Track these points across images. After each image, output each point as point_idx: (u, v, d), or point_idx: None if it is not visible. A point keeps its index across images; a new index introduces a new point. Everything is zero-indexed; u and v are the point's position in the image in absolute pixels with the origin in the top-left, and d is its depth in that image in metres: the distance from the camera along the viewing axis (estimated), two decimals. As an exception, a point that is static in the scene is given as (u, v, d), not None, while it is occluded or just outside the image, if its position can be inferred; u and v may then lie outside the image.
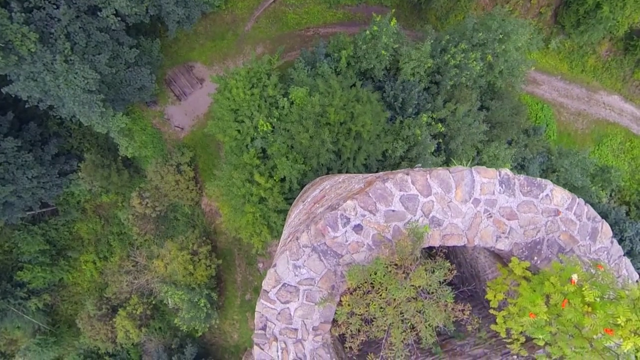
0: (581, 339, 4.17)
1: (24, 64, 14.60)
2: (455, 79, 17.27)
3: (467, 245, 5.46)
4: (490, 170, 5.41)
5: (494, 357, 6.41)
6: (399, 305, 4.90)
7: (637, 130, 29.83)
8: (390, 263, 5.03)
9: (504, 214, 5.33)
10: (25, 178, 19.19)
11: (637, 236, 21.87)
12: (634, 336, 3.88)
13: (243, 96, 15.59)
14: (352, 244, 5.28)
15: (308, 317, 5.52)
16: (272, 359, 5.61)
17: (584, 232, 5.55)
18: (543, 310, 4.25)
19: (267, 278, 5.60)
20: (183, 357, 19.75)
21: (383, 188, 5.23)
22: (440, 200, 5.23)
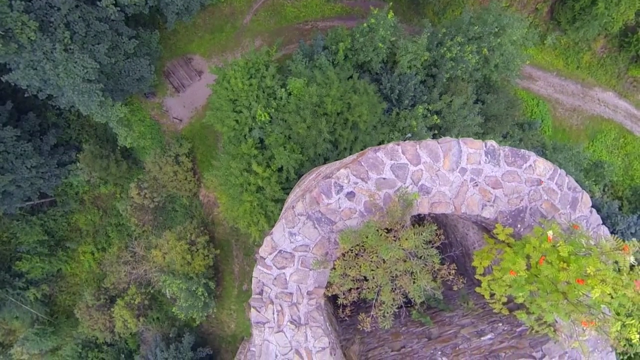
0: (557, 293, 4.44)
1: (24, 52, 14.71)
2: (451, 71, 17.51)
3: (454, 212, 5.72)
4: (477, 141, 5.68)
5: (481, 325, 6.70)
6: (389, 267, 5.15)
7: (630, 127, 30.21)
8: (381, 227, 5.29)
9: (489, 182, 5.59)
10: (24, 167, 19.30)
11: (629, 230, 22.25)
12: (601, 284, 4.15)
13: (241, 86, 15.77)
14: (345, 210, 5.54)
15: (303, 282, 5.78)
16: (268, 320, 5.86)
17: (565, 201, 5.81)
18: (522, 268, 4.51)
19: (264, 245, 5.85)
20: (181, 346, 19.99)
21: (375, 157, 5.48)
22: (428, 169, 5.49)
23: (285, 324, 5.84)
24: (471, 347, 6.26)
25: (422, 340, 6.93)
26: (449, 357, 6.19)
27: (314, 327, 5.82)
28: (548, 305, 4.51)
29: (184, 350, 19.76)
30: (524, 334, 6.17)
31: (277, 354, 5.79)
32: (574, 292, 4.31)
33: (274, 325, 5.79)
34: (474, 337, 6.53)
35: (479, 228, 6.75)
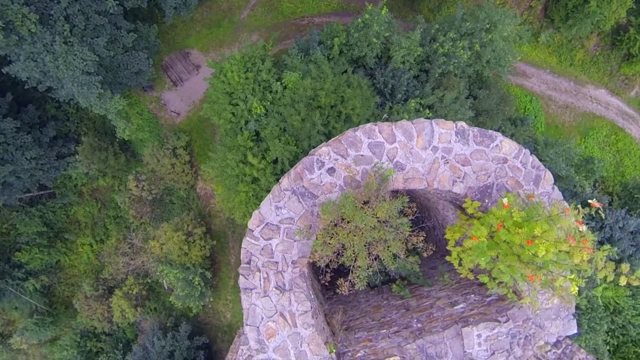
0: (512, 255, 4.87)
1: (24, 44, 15.01)
2: (444, 67, 17.89)
3: (427, 188, 6.14)
4: (448, 122, 6.10)
5: (455, 296, 7.16)
6: (364, 234, 5.57)
7: (622, 124, 30.70)
8: (359, 199, 5.70)
9: (459, 160, 6.00)
10: (23, 159, 19.62)
11: (617, 224, 22.73)
12: (546, 243, 4.58)
13: (237, 79, 16.12)
14: (326, 184, 5.95)
15: (288, 252, 6.20)
16: (255, 287, 6.29)
17: (529, 178, 6.24)
18: (484, 235, 4.94)
19: (252, 218, 6.27)
20: (178, 335, 20.42)
21: (354, 136, 5.89)
22: (403, 147, 5.90)
23: (270, 290, 6.29)
24: (444, 315, 6.72)
25: (400, 311, 7.38)
26: (423, 323, 6.64)
27: (298, 293, 6.26)
28: (505, 267, 4.94)
29: (181, 339, 20.19)
30: (493, 303, 6.62)
31: (263, 317, 6.26)
32: (526, 252, 4.74)
33: (261, 290, 6.24)
34: (447, 306, 6.98)
35: (455, 208, 7.17)
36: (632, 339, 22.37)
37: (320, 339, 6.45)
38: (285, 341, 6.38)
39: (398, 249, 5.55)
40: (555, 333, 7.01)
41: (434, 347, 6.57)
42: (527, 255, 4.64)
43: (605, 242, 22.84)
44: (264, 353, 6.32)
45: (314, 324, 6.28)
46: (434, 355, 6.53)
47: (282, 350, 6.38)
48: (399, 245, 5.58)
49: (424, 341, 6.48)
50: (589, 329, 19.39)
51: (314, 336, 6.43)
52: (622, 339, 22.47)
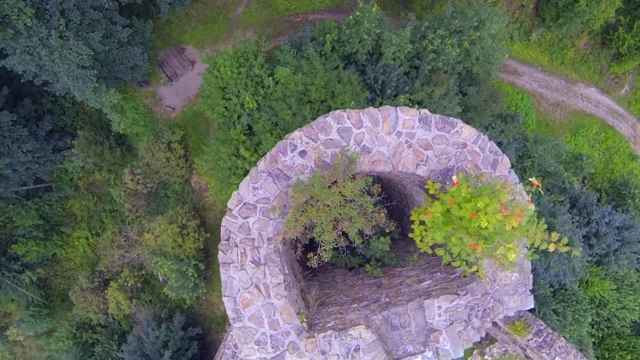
0: (462, 228, 5.29)
1: (20, 38, 15.29)
2: (433, 63, 18.27)
3: (392, 170, 6.55)
4: (412, 110, 6.50)
5: (423, 275, 7.60)
6: (331, 211, 5.98)
7: (612, 122, 31.18)
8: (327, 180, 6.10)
9: (422, 144, 6.41)
10: (20, 152, 19.91)
11: (603, 219, 23.23)
12: (487, 215, 5.00)
13: (230, 74, 16.46)
14: (298, 166, 6.36)
15: (263, 229, 6.62)
16: (233, 261, 6.70)
17: (487, 162, 6.65)
18: (439, 210, 5.36)
19: (232, 199, 6.68)
20: (172, 325, 20.80)
21: (324, 121, 6.29)
22: (369, 132, 6.29)
23: (247, 264, 6.70)
24: (410, 291, 7.15)
25: (372, 288, 7.81)
26: (391, 298, 7.07)
27: (272, 266, 6.68)
28: (456, 240, 5.36)
29: (175, 330, 20.57)
30: (456, 279, 7.06)
31: (240, 288, 6.69)
32: (472, 225, 5.16)
33: (238, 264, 6.65)
34: (415, 283, 7.42)
35: (423, 191, 7.56)
36: (617, 332, 22.91)
37: (293, 309, 6.94)
38: (259, 310, 6.86)
39: (363, 225, 5.97)
40: (513, 307, 7.47)
41: (398, 318, 7.03)
42: (473, 228, 5.06)
43: (592, 237, 23.37)
44: (240, 322, 6.80)
45: (287, 295, 6.76)
46: (398, 325, 7.02)
47: (256, 318, 6.87)
48: (363, 221, 6.00)
49: (389, 312, 6.96)
50: (574, 320, 19.88)
51: (287, 306, 6.92)
52: (607, 332, 23.00)
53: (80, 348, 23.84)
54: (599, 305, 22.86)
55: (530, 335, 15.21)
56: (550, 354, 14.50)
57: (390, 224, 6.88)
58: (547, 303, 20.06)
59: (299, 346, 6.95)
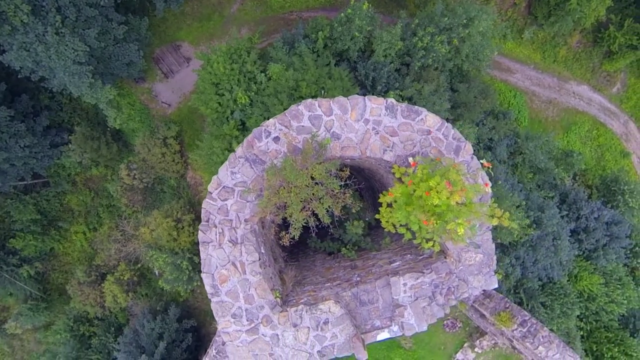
0: (420, 207, 5.65)
1: (17, 34, 15.61)
2: (423, 60, 18.61)
3: (361, 156, 6.91)
4: (380, 99, 6.87)
5: (394, 257, 7.99)
6: (300, 192, 6.35)
7: (604, 119, 31.53)
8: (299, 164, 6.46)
9: (388, 131, 6.77)
10: (17, 147, 20.24)
11: (592, 215, 23.60)
12: (438, 193, 5.37)
13: (223, 70, 16.78)
14: (272, 151, 6.73)
15: (241, 211, 7.00)
16: (212, 240, 7.08)
17: (450, 148, 7.01)
18: (399, 191, 5.72)
19: (212, 182, 7.06)
20: (167, 317, 21.18)
21: (296, 109, 6.66)
22: (339, 119, 6.65)
23: (225, 243, 7.09)
24: (380, 270, 7.52)
25: (347, 270, 8.19)
26: (362, 277, 7.44)
27: (248, 245, 7.06)
28: (415, 218, 5.73)
29: (170, 322, 20.95)
30: (423, 260, 7.43)
31: (217, 265, 7.08)
32: (427, 203, 5.53)
33: (216, 243, 7.03)
34: (386, 264, 7.79)
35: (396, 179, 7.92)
36: (604, 325, 23.30)
37: (267, 286, 7.35)
38: (235, 286, 7.27)
39: (331, 206, 6.34)
40: (478, 287, 7.86)
41: (367, 295, 7.43)
42: (428, 206, 5.42)
43: (581, 232, 23.74)
44: (217, 296, 7.21)
45: (262, 272, 7.15)
46: (366, 302, 7.42)
47: (233, 293, 7.28)
48: (330, 202, 6.37)
49: (358, 289, 7.35)
50: (561, 313, 20.26)
51: (261, 282, 7.34)
52: (595, 325, 23.39)
53: (78, 341, 24.22)
54: (588, 299, 23.24)
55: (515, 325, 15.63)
56: (534, 343, 14.94)
57: (356, 204, 7.29)
58: (535, 296, 20.45)
59: (272, 319, 7.49)
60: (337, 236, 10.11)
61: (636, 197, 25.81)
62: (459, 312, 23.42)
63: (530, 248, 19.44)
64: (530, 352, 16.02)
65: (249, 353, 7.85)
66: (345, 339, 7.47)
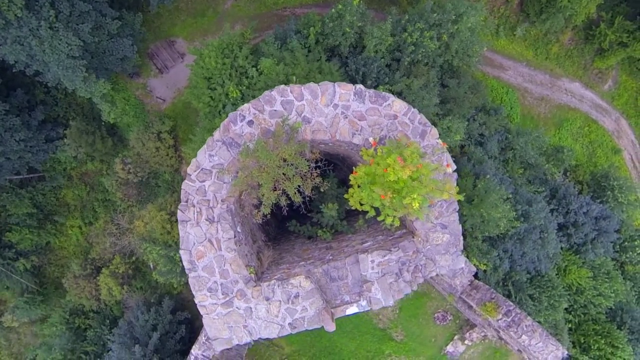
0: (381, 184, 5.96)
1: (10, 28, 15.84)
2: (412, 55, 18.88)
3: (331, 139, 7.21)
4: (348, 85, 7.18)
5: (367, 238, 8.31)
6: (271, 171, 6.67)
7: (595, 116, 31.84)
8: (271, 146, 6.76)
9: (356, 116, 7.09)
10: (12, 140, 20.49)
11: (581, 209, 23.91)
12: (394, 170, 5.69)
13: (214, 65, 17.04)
14: (247, 134, 7.03)
15: (218, 191, 7.32)
16: (190, 219, 7.39)
17: (416, 132, 7.33)
18: (362, 170, 6.03)
19: (191, 165, 7.39)
20: (161, 309, 21.48)
21: (269, 95, 6.97)
22: (309, 104, 6.97)
23: (202, 221, 7.42)
24: (352, 250, 7.83)
25: (322, 250, 8.51)
26: (334, 256, 7.76)
27: (224, 224, 7.38)
28: (376, 194, 6.04)
29: (164, 313, 21.25)
30: (392, 240, 7.75)
31: (195, 242, 7.41)
32: (386, 179, 5.85)
33: (194, 222, 7.35)
34: (358, 245, 8.11)
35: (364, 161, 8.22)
36: (592, 317, 23.66)
37: (242, 262, 7.70)
38: (211, 261, 7.63)
39: (301, 185, 6.65)
40: (445, 266, 8.21)
41: (337, 271, 7.78)
42: (387, 182, 5.74)
43: (570, 227, 24.07)
44: (195, 272, 7.56)
45: (236, 249, 7.50)
46: (336, 278, 7.76)
47: (209, 268, 7.64)
48: (299, 181, 6.69)
49: (329, 266, 7.69)
50: (549, 305, 20.58)
51: (236, 258, 7.69)
52: (583, 318, 23.74)
53: (73, 333, 24.50)
54: (576, 292, 23.59)
55: (500, 315, 16.01)
56: (518, 332, 15.32)
57: (324, 184, 7.61)
58: (523, 289, 20.77)
59: (246, 293, 7.91)
60: (316, 220, 10.48)
61: (625, 193, 26.14)
62: (449, 305, 23.79)
63: (518, 241, 19.76)
64: (515, 341, 16.39)
65: (224, 325, 8.29)
66: (315, 312, 7.87)
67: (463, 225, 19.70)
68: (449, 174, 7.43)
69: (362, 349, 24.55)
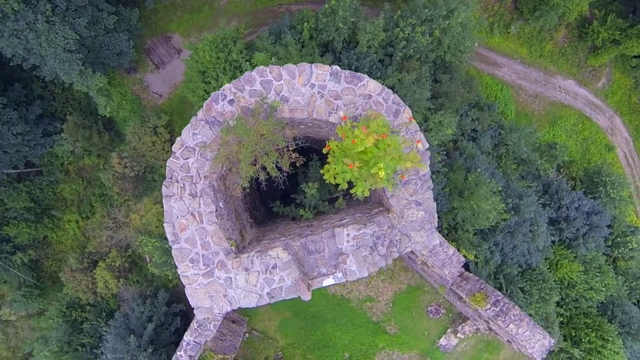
0: (352, 155, 6.22)
1: (7, 21, 16.09)
2: (404, 51, 19.14)
3: (309, 117, 7.48)
4: (325, 66, 7.45)
5: (345, 215, 8.57)
6: (249, 146, 6.94)
7: (589, 114, 32.10)
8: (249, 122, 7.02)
9: (332, 95, 7.35)
10: (10, 134, 20.73)
11: (573, 204, 24.17)
12: (362, 140, 5.96)
13: (209, 58, 17.30)
14: (228, 112, 7.30)
15: (201, 168, 7.60)
16: (174, 194, 7.66)
17: (390, 111, 7.60)
18: (334, 144, 6.31)
19: (175, 144, 7.66)
20: (156, 301, 21.71)
21: (249, 75, 7.24)
22: (287, 84, 7.24)
23: (185, 196, 7.70)
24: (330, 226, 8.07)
25: (303, 228, 8.77)
26: (312, 231, 8.02)
27: (206, 198, 7.67)
28: (345, 166, 6.32)
29: (159, 305, 21.47)
30: (369, 216, 8.00)
31: (178, 216, 7.69)
32: (354, 150, 6.12)
33: (178, 197, 7.62)
34: (337, 222, 8.36)
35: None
36: (584, 311, 23.89)
37: (223, 235, 8.01)
38: (194, 234, 7.95)
39: (278, 160, 6.93)
40: (420, 242, 8.49)
41: (314, 245, 8.07)
42: (356, 153, 6.03)
43: (562, 221, 24.33)
44: (177, 244, 7.87)
45: (218, 222, 7.80)
46: (314, 251, 8.05)
47: (191, 240, 7.95)
48: (276, 155, 6.98)
49: (307, 240, 7.99)
50: (540, 298, 20.83)
51: (217, 231, 8.00)
52: (575, 311, 23.98)
53: (70, 325, 24.70)
54: (568, 286, 23.83)
55: (488, 305, 16.26)
56: (506, 321, 15.56)
57: (299, 159, 7.93)
58: (514, 282, 21.02)
59: (226, 264, 8.29)
60: (299, 201, 10.82)
61: (617, 189, 26.40)
62: (442, 298, 24.04)
63: (509, 234, 20.02)
64: (504, 331, 16.64)
65: (205, 294, 8.65)
66: (292, 282, 8.19)
67: (454, 219, 19.99)
68: (422, 151, 7.70)
69: (356, 342, 24.79)
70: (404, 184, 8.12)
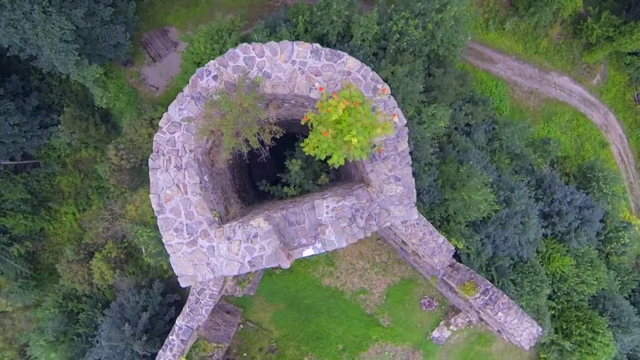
0: (327, 124, 6.45)
1: (4, 10, 16.27)
2: (397, 44, 19.34)
3: (290, 93, 7.71)
4: (306, 44, 7.68)
5: (329, 192, 8.80)
6: (231, 119, 7.16)
7: (584, 110, 32.33)
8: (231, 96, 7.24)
9: (313, 72, 7.61)
10: (7, 124, 20.91)
11: (565, 199, 24.40)
12: (334, 107, 6.20)
13: (204, 50, 17.50)
14: (212, 88, 7.54)
15: (186, 142, 7.85)
16: (160, 166, 7.89)
17: (368, 88, 7.87)
18: (311, 115, 6.55)
19: (162, 119, 7.89)
20: (151, 291, 21.92)
21: (233, 52, 7.48)
22: (269, 60, 7.49)
23: (170, 168, 7.96)
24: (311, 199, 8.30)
25: (287, 203, 8.98)
26: (294, 204, 8.26)
27: (190, 170, 7.92)
28: (320, 135, 6.56)
29: (154, 295, 21.68)
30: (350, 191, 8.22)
31: (163, 187, 7.95)
32: (329, 119, 6.35)
33: (163, 169, 7.86)
34: (319, 197, 8.58)
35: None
36: (575, 304, 24.14)
37: (206, 205, 8.28)
38: (178, 204, 8.23)
39: (260, 132, 7.17)
40: (399, 216, 8.76)
41: (295, 216, 8.34)
42: (331, 122, 6.26)
43: (554, 215, 24.55)
44: (163, 214, 8.14)
45: (201, 194, 8.07)
46: (294, 222, 8.34)
47: (175, 210, 8.22)
48: (257, 128, 7.22)
49: (288, 212, 8.24)
50: (531, 290, 21.06)
51: (201, 202, 8.27)
52: (566, 305, 24.23)
53: (66, 316, 24.91)
54: (560, 279, 24.07)
55: (477, 294, 16.48)
56: (494, 309, 15.79)
57: (279, 130, 8.19)
58: (506, 274, 21.24)
59: (209, 233, 8.61)
60: (285, 181, 11.11)
61: (610, 184, 26.63)
62: (435, 291, 24.27)
63: (500, 226, 20.23)
64: (493, 319, 16.87)
65: (189, 263, 8.92)
66: (272, 251, 8.47)
67: (446, 210, 20.20)
68: (400, 126, 7.96)
69: (350, 334, 25.02)
70: (382, 158, 8.43)
